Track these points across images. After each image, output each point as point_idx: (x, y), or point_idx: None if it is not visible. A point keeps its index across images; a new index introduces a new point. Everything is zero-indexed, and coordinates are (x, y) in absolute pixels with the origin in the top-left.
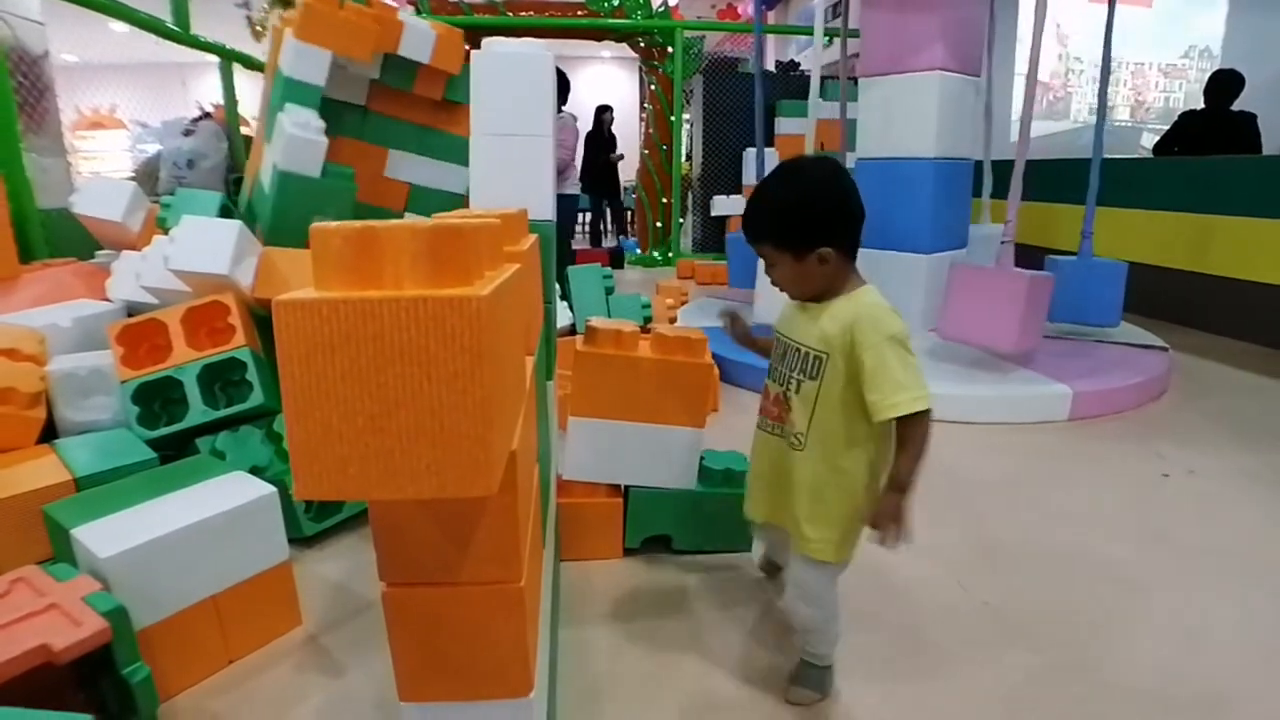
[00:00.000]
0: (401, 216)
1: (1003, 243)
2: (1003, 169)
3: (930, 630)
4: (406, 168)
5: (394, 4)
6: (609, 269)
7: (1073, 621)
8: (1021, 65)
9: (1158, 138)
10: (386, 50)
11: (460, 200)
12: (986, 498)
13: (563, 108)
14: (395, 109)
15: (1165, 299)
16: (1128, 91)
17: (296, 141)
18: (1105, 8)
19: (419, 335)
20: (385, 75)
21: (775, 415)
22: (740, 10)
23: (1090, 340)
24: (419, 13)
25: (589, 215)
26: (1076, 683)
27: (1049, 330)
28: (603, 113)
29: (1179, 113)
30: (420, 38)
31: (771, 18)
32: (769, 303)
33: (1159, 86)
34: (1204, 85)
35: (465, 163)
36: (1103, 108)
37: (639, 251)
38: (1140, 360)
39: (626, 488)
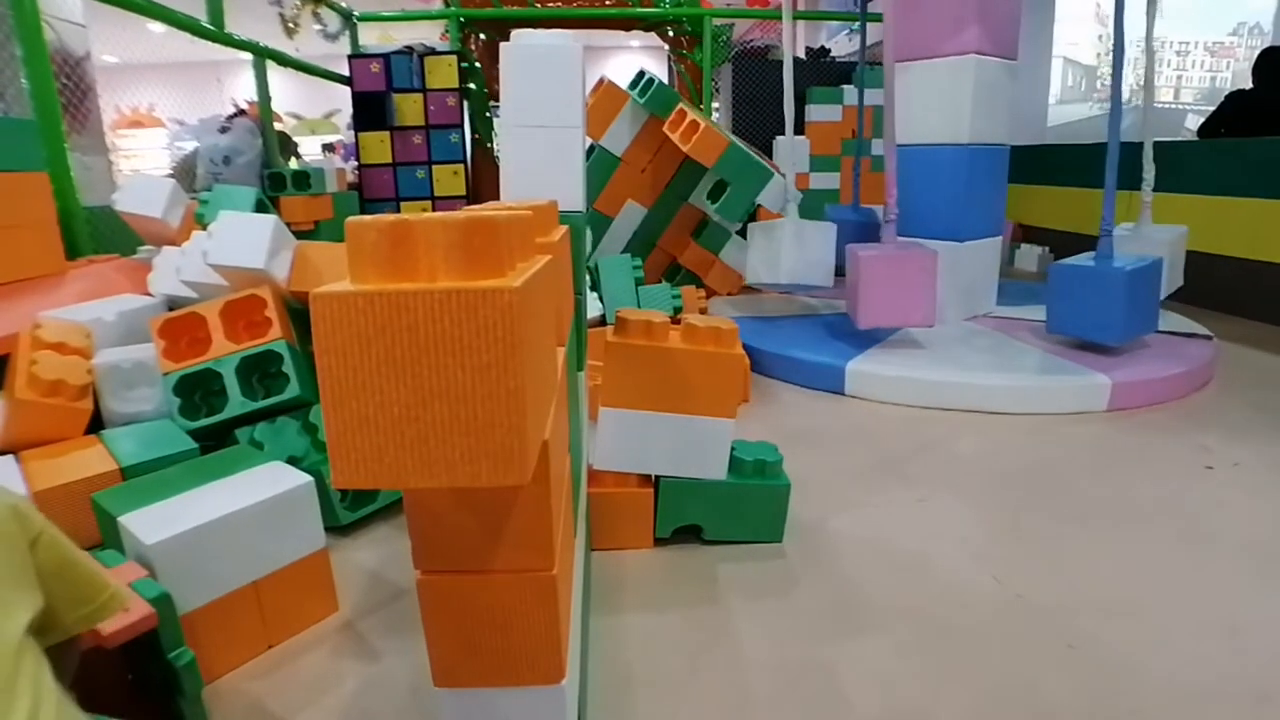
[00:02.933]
0: None
1: (885, 221)
2: (1028, 154)
3: (964, 623)
4: None
5: None
6: (638, 259)
7: (1110, 616)
8: (1059, 46)
9: (1202, 119)
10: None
11: None
12: (1022, 490)
13: None
14: None
15: (1210, 286)
16: (1170, 72)
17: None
18: None
19: (452, 327)
20: None
21: None
22: None
23: None
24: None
25: None
26: (1113, 678)
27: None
28: None
29: (1225, 93)
30: None
31: (802, 2)
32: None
33: (1205, 66)
34: (1252, 63)
35: None
36: (1116, 92)
37: None
38: (1183, 349)
39: (657, 478)
